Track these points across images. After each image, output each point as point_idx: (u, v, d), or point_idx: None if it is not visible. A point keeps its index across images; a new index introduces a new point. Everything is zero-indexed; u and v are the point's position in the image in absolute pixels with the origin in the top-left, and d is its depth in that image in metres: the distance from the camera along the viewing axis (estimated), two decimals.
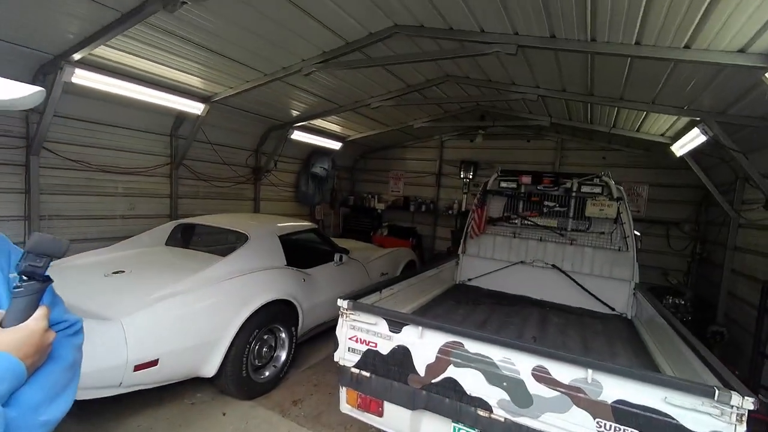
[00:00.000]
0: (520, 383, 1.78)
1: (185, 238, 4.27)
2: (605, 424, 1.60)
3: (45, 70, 3.57)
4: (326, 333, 4.52)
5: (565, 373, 1.71)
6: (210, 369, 3.03)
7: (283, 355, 3.64)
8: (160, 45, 3.58)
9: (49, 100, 3.60)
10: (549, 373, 1.74)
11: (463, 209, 7.70)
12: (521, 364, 1.79)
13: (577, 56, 3.32)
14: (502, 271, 4.23)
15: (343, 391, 2.28)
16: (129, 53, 3.66)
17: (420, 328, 2.02)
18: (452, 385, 1.93)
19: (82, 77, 3.62)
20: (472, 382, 1.88)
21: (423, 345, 2.01)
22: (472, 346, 1.90)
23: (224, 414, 3.16)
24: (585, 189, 3.81)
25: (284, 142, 6.59)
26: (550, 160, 7.33)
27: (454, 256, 4.54)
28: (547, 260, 4.08)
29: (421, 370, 2.01)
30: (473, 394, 1.88)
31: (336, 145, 7.57)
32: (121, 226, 4.84)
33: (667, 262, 6.36)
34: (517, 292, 4.14)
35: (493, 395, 1.84)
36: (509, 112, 6.15)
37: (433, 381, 1.98)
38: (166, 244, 4.09)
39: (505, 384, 1.81)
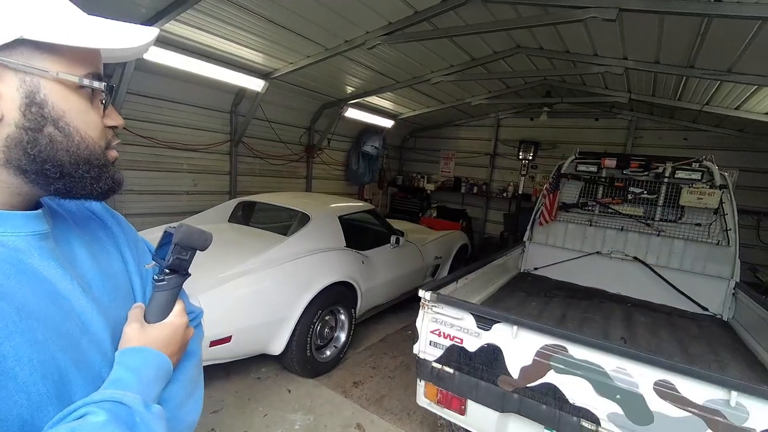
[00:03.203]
0: (638, 398, 1.58)
1: (246, 215, 4.32)
2: None
3: None
4: (379, 315, 4.49)
5: (697, 391, 1.49)
6: (278, 346, 3.06)
7: (343, 336, 3.65)
8: (226, 18, 3.49)
9: (123, 77, 3.65)
10: (677, 390, 1.52)
11: (520, 192, 7.30)
12: (640, 376, 1.58)
13: (687, 21, 2.86)
14: (574, 261, 3.93)
15: (421, 384, 2.18)
16: (197, 28, 3.61)
17: (515, 327, 1.85)
18: (551, 391, 1.76)
19: (153, 54, 3.63)
20: (577, 390, 1.70)
21: (517, 346, 1.85)
22: (579, 352, 1.71)
23: (289, 391, 3.20)
24: (681, 175, 3.38)
25: (337, 120, 6.46)
26: (621, 140, 6.71)
27: (519, 243, 4.28)
28: (628, 252, 3.72)
29: (514, 372, 1.85)
30: (577, 404, 1.70)
31: (388, 123, 7.35)
32: (186, 201, 4.97)
33: (756, 257, 5.71)
34: (589, 285, 3.84)
35: (603, 407, 1.65)
36: (581, 88, 5.62)
37: (528, 385, 1.82)
38: (229, 220, 4.16)
39: (618, 396, 1.61)
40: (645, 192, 3.57)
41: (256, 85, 4.71)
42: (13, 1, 0.48)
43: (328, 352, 3.56)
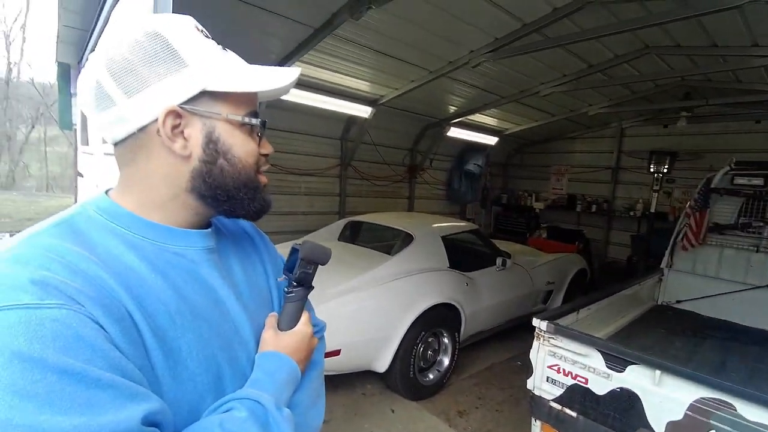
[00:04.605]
0: None
1: (354, 234, 4.55)
2: None
3: None
4: (484, 342, 4.24)
5: None
6: (382, 364, 3.10)
7: (446, 360, 3.53)
8: (340, 54, 3.83)
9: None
10: None
11: (652, 210, 6.29)
12: None
13: None
14: (734, 295, 3.18)
15: (536, 425, 1.96)
16: (316, 66, 4.03)
17: (657, 371, 1.55)
18: None
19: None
20: None
21: (661, 394, 1.54)
22: (752, 413, 1.34)
23: (393, 411, 3.19)
24: None
25: (439, 140, 6.50)
26: None
27: (655, 270, 3.64)
28: None
29: (658, 426, 1.53)
30: None
31: (492, 140, 7.12)
32: (302, 221, 5.49)
33: None
34: (757, 326, 3.06)
35: None
36: (734, 86, 4.67)
37: None
38: (338, 239, 4.43)
39: None
40: None
41: (363, 112, 5.03)
42: (197, 62, 0.59)
43: (431, 376, 3.48)
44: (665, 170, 6.07)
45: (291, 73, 0.67)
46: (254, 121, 0.66)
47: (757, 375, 2.30)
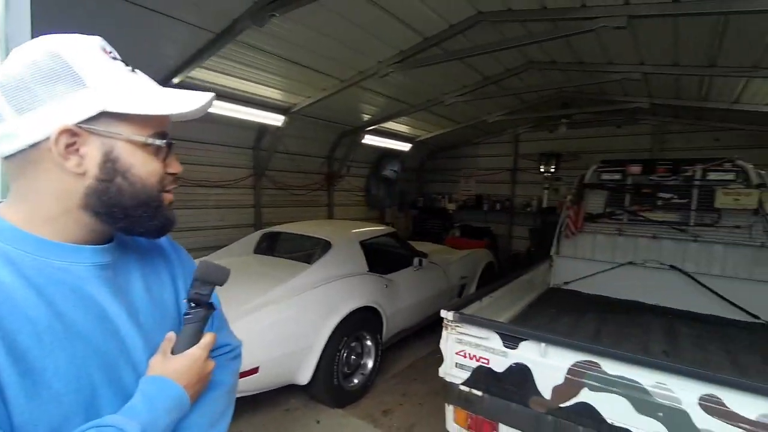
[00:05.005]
0: (683, 415, 1.46)
1: (271, 246, 4.41)
2: None
3: None
4: (406, 340, 4.40)
5: (749, 405, 1.36)
6: (305, 376, 3.04)
7: (370, 363, 3.58)
8: (247, 61, 3.72)
9: None
10: (724, 405, 1.40)
11: (544, 206, 7.14)
12: (683, 391, 1.47)
13: (703, 21, 2.81)
14: (606, 273, 3.76)
15: (449, 409, 2.10)
16: (220, 72, 3.86)
17: (542, 344, 1.77)
18: (587, 411, 1.65)
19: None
20: (615, 409, 1.59)
21: (547, 364, 1.76)
22: (613, 367, 1.61)
23: (318, 422, 3.15)
24: (713, 176, 3.23)
25: (355, 147, 6.62)
26: (647, 146, 6.51)
27: (546, 258, 4.14)
28: (664, 260, 3.53)
29: (545, 392, 1.76)
30: (616, 424, 1.59)
31: (405, 147, 7.46)
32: (213, 236, 5.15)
33: None
34: (625, 297, 3.65)
35: (644, 427, 1.54)
36: (599, 97, 5.54)
37: (561, 405, 1.72)
38: (254, 252, 4.25)
39: (660, 415, 1.50)
40: (675, 197, 3.42)
41: (276, 120, 4.93)
42: (98, 83, 0.60)
43: (355, 380, 3.49)
44: (552, 170, 6.96)
45: (202, 97, 0.68)
46: (158, 142, 0.67)
47: (624, 338, 2.75)
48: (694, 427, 1.44)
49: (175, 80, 3.61)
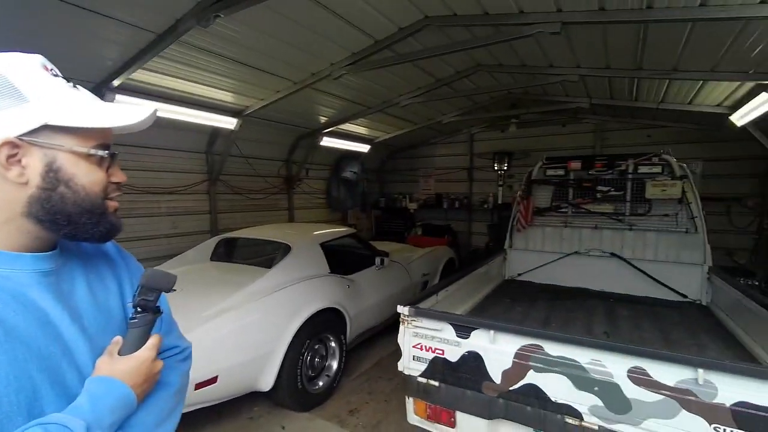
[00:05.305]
0: (615, 387, 1.61)
1: (229, 252, 4.30)
2: (726, 430, 1.41)
3: None
4: (371, 339, 4.44)
5: (668, 373, 1.53)
6: (267, 382, 3.00)
7: (335, 364, 3.59)
8: (193, 63, 3.61)
9: None
10: (648, 375, 1.56)
11: (500, 202, 7.44)
12: (614, 365, 1.62)
13: (628, 28, 3.07)
14: (555, 263, 4.00)
15: (410, 402, 2.17)
16: (165, 74, 3.71)
17: (491, 331, 1.88)
18: (534, 391, 1.77)
19: (123, 102, 3.71)
20: (558, 387, 1.72)
21: (496, 350, 1.87)
22: (554, 349, 1.74)
23: (283, 427, 3.12)
24: (643, 170, 3.54)
25: (314, 150, 6.58)
26: (590, 143, 6.97)
27: (501, 251, 4.34)
28: (605, 248, 3.82)
29: (496, 377, 1.86)
30: (559, 401, 1.72)
31: (364, 148, 7.51)
32: (166, 245, 4.94)
33: (730, 242, 5.88)
34: (573, 285, 3.91)
35: (583, 401, 1.67)
36: (544, 97, 5.87)
37: (511, 388, 1.83)
38: (211, 259, 4.13)
39: (596, 389, 1.64)
40: (612, 189, 3.71)
41: (228, 123, 4.81)
42: (39, 98, 0.64)
43: (320, 383, 3.49)
44: (505, 168, 7.28)
45: (143, 110, 0.73)
46: (101, 152, 0.70)
47: (570, 322, 2.95)
48: (624, 397, 1.59)
49: (116, 82, 3.44)
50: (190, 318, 2.74)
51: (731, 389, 1.42)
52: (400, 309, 2.14)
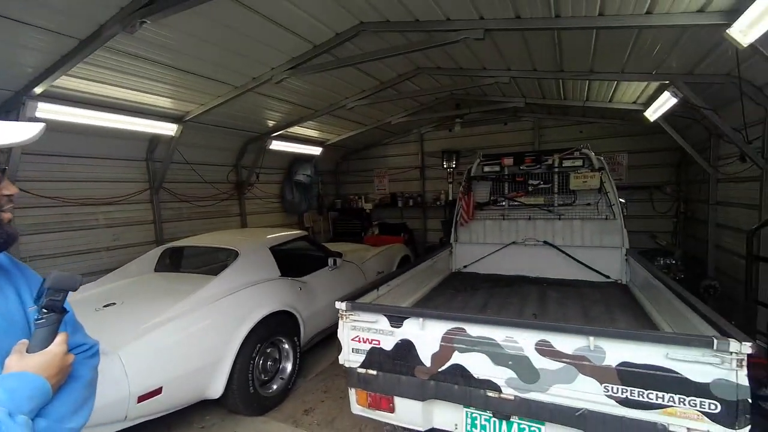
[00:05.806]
0: (525, 360, 1.80)
1: (175, 262, 4.20)
2: (612, 387, 1.63)
3: (6, 107, 3.46)
4: (329, 339, 4.49)
5: (567, 343, 1.73)
6: (216, 390, 2.98)
7: (289, 366, 3.61)
8: (124, 69, 3.51)
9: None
10: (552, 346, 1.75)
11: (450, 198, 7.73)
12: (524, 341, 1.80)
13: (543, 34, 3.35)
14: (496, 254, 4.26)
15: (352, 393, 2.27)
16: (93, 81, 3.58)
17: (420, 319, 2.02)
18: (459, 371, 1.93)
19: (47, 110, 3.53)
20: (479, 365, 1.89)
21: (425, 336, 2.01)
22: (474, 330, 1.91)
23: None
24: (567, 163, 3.86)
25: (263, 154, 6.53)
26: (530, 140, 7.41)
27: (447, 246, 4.55)
28: (538, 237, 4.12)
29: (426, 360, 2.01)
30: (481, 377, 1.89)
31: (316, 151, 7.53)
32: (107, 258, 4.73)
33: (654, 225, 6.50)
34: (513, 273, 4.18)
35: (501, 375, 1.85)
36: (484, 98, 6.19)
37: (439, 370, 1.98)
38: (156, 270, 4.01)
39: (510, 363, 1.82)
40: (541, 183, 4.02)
41: (168, 129, 4.68)
42: None
43: (274, 386, 3.49)
44: (454, 165, 7.58)
45: (31, 128, 0.78)
46: None
47: (505, 307, 3.18)
48: (533, 368, 1.78)
49: (37, 90, 3.28)
50: (130, 330, 2.68)
51: (616, 352, 1.64)
52: (338, 305, 2.23)
